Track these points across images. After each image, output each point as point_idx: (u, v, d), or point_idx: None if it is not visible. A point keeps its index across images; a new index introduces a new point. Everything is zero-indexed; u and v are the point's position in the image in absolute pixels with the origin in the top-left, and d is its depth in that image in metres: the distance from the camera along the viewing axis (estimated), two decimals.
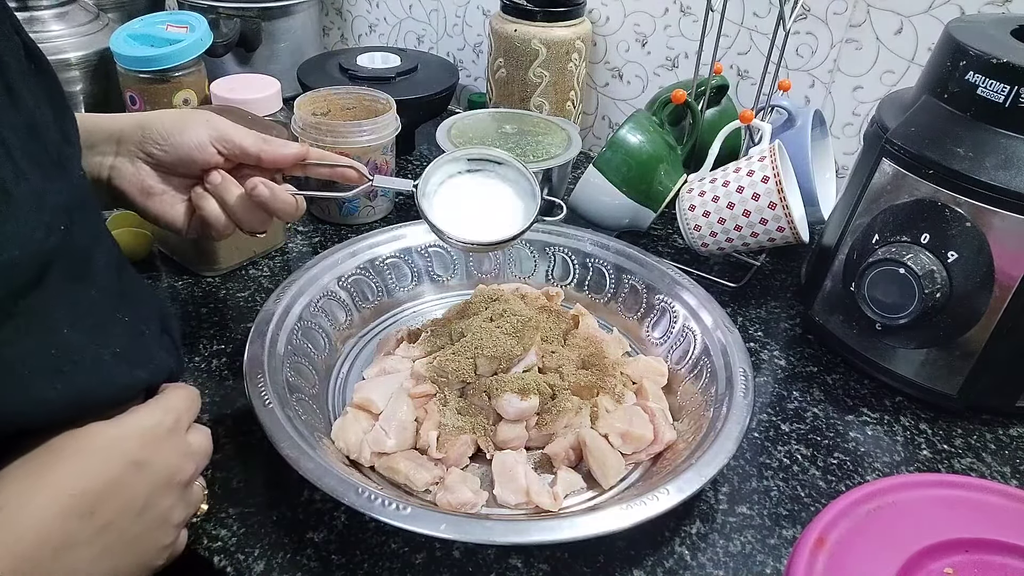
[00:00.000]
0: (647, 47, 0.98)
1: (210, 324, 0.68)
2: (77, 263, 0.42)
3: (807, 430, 0.62)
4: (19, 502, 0.35)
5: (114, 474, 0.39)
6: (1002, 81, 0.55)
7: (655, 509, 0.47)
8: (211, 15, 0.98)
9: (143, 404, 0.43)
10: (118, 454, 0.39)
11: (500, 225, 0.59)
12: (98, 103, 0.87)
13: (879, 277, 0.60)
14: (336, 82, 0.94)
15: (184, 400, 0.45)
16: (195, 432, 0.45)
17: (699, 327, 0.64)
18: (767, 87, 0.78)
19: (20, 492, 0.36)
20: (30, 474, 0.37)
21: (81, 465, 0.38)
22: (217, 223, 0.56)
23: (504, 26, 0.93)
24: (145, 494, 0.40)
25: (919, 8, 0.79)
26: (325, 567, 0.48)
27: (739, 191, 0.72)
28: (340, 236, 0.82)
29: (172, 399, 0.44)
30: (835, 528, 0.41)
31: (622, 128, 0.78)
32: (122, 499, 0.39)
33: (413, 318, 0.71)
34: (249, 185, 0.55)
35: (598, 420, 0.57)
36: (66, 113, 0.46)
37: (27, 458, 0.37)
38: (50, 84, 0.45)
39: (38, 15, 0.83)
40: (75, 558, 0.36)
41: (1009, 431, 0.64)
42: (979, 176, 0.56)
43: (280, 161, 0.57)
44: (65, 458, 0.38)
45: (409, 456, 0.54)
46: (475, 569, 0.49)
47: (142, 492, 0.40)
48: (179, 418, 0.43)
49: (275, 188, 0.55)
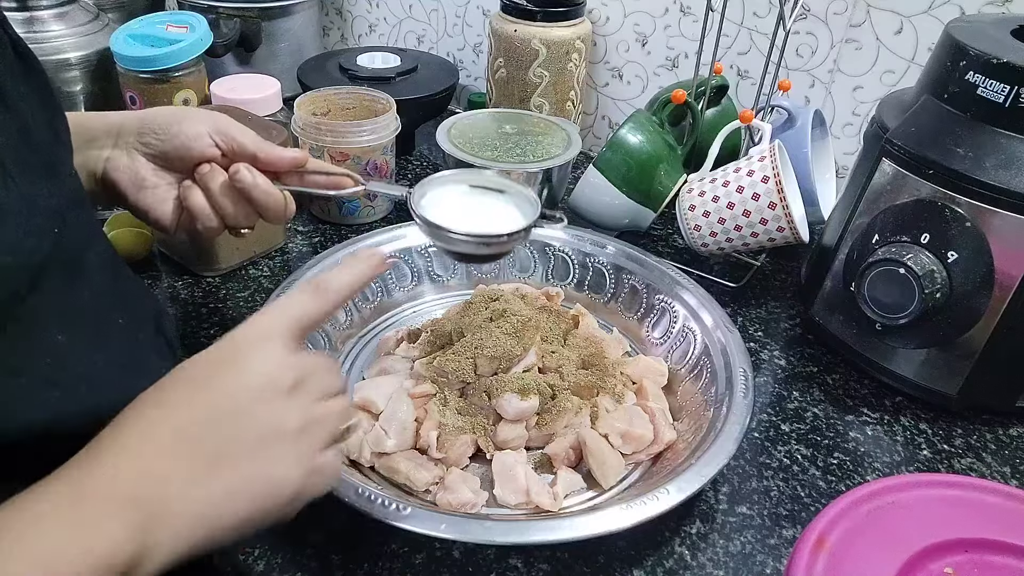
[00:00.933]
0: (647, 47, 0.98)
1: (210, 324, 0.68)
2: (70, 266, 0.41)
3: (807, 430, 0.62)
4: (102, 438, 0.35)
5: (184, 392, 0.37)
6: (1002, 81, 0.55)
7: (655, 509, 0.47)
8: (211, 15, 0.98)
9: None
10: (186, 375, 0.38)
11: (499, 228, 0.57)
12: (98, 103, 0.87)
13: (879, 277, 0.60)
14: (336, 82, 0.94)
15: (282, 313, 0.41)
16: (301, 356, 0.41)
17: (699, 327, 0.64)
18: (767, 87, 0.78)
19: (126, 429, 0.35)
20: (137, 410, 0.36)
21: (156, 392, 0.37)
22: (201, 213, 0.54)
23: (504, 26, 0.93)
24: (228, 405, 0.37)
25: (919, 8, 0.79)
26: (325, 567, 0.48)
27: (739, 191, 0.72)
28: (340, 236, 0.82)
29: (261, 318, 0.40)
30: (835, 528, 0.41)
31: (622, 128, 0.78)
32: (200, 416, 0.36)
33: (413, 318, 0.71)
34: (232, 170, 0.53)
35: (598, 420, 0.57)
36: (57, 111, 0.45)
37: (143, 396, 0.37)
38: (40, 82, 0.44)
39: (38, 15, 0.83)
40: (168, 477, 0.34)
41: (1009, 431, 0.64)
42: (979, 176, 0.56)
43: (277, 162, 0.56)
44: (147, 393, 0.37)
45: (409, 456, 0.54)
46: (475, 569, 0.49)
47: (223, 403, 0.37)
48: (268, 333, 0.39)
49: (258, 175, 0.54)
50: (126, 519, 0.32)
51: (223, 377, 0.38)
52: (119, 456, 0.34)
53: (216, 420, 0.36)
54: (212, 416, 0.36)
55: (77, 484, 0.33)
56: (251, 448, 0.37)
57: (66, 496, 0.32)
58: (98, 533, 0.31)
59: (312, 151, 0.80)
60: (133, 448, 0.34)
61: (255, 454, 0.37)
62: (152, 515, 0.33)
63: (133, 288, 0.51)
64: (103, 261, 0.46)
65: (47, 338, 0.39)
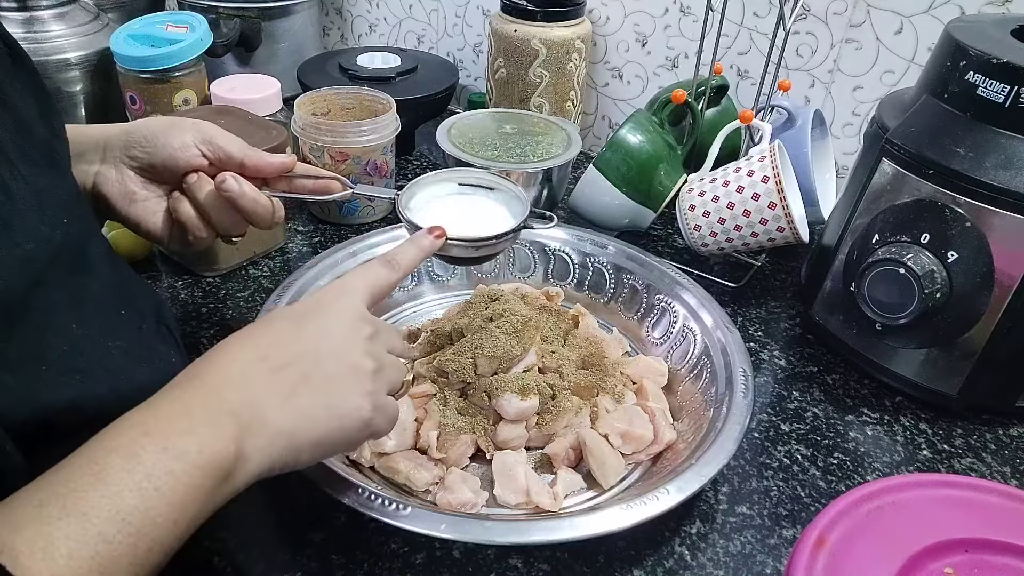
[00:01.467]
0: (647, 47, 0.98)
1: (210, 324, 0.68)
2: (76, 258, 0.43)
3: (807, 430, 0.62)
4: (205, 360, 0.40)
5: (280, 327, 0.43)
6: (1002, 81, 0.55)
7: (655, 509, 0.47)
8: (211, 15, 0.98)
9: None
10: (280, 315, 0.44)
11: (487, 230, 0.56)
12: (98, 103, 0.87)
13: (879, 277, 0.60)
14: (336, 82, 0.94)
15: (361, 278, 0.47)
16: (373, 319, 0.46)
17: (699, 327, 0.64)
18: (767, 87, 0.78)
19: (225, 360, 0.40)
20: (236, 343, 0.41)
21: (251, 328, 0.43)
22: (190, 223, 0.55)
23: (504, 26, 0.93)
24: (314, 341, 0.42)
25: (919, 8, 0.79)
26: (325, 567, 0.48)
27: (739, 191, 0.72)
28: (340, 236, 0.82)
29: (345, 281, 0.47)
30: (835, 528, 0.41)
31: (622, 128, 0.78)
32: (292, 346, 0.41)
33: (413, 318, 0.71)
34: (218, 179, 0.54)
35: (598, 420, 0.57)
36: (52, 109, 0.46)
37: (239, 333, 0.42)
38: (33, 80, 0.45)
39: (38, 15, 0.83)
40: (260, 396, 0.39)
41: (1009, 431, 0.64)
42: (979, 176, 0.56)
43: (264, 168, 0.56)
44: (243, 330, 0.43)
45: (409, 456, 0.54)
46: (475, 569, 0.49)
47: (310, 338, 0.42)
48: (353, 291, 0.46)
49: (244, 183, 0.54)
50: (228, 428, 0.37)
51: (315, 317, 0.43)
52: (221, 382, 0.39)
53: (306, 352, 0.41)
54: (303, 349, 0.41)
55: (183, 402, 0.37)
56: (332, 378, 0.41)
57: (177, 410, 0.37)
58: (207, 436, 0.36)
59: (312, 151, 0.80)
60: (235, 376, 0.39)
61: (335, 384, 0.41)
62: (247, 427, 0.37)
63: (132, 281, 0.52)
64: (103, 255, 0.47)
65: (63, 326, 0.41)
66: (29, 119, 0.42)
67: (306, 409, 0.40)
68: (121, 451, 0.33)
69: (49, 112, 0.45)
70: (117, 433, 0.35)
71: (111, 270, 0.48)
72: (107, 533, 0.31)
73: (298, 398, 0.40)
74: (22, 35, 0.82)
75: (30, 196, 0.39)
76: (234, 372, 0.39)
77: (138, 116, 0.86)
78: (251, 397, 0.38)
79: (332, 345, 0.42)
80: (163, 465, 0.33)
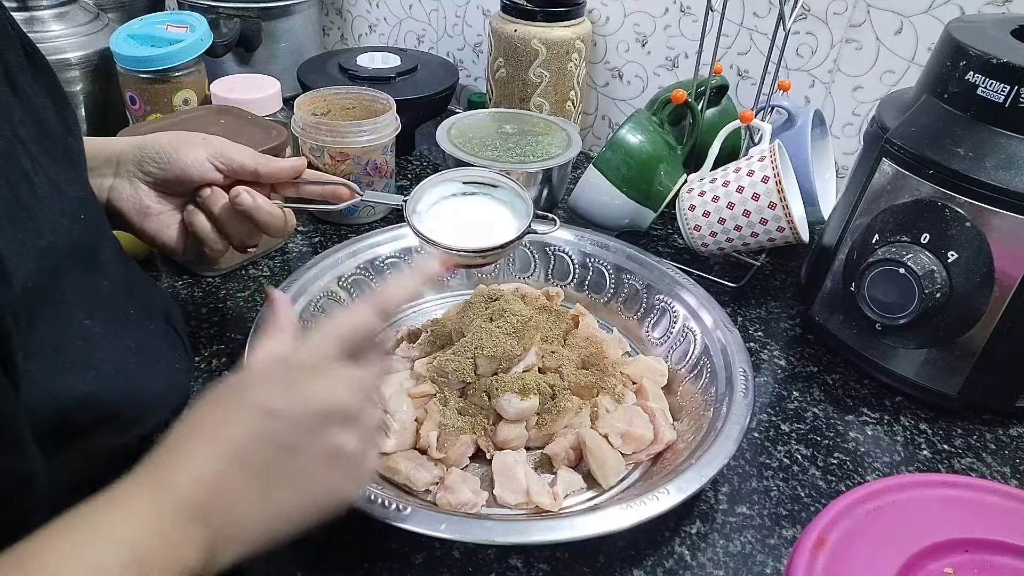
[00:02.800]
0: (647, 47, 0.98)
1: (210, 324, 0.68)
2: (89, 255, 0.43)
3: (807, 430, 0.62)
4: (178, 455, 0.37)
5: (251, 420, 0.38)
6: (1002, 81, 0.55)
7: (655, 509, 0.47)
8: (211, 15, 0.98)
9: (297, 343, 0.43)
10: (249, 401, 0.39)
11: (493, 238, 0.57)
12: (98, 103, 0.87)
13: (879, 277, 0.60)
14: (336, 82, 0.94)
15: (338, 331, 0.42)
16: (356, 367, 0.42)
17: (699, 327, 0.64)
18: (767, 87, 0.78)
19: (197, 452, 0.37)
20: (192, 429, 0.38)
21: (219, 416, 0.39)
22: (206, 237, 0.56)
23: (504, 26, 0.93)
24: (290, 437, 0.38)
25: (919, 8, 0.79)
26: (325, 567, 0.48)
27: (739, 191, 0.72)
28: (340, 236, 0.82)
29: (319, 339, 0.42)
30: (835, 528, 0.41)
31: (622, 128, 0.78)
32: (265, 444, 0.38)
33: (413, 318, 0.71)
34: (232, 193, 0.55)
35: (598, 420, 0.57)
36: (67, 107, 0.46)
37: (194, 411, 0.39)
38: (49, 79, 0.45)
39: (38, 15, 0.83)
40: (234, 502, 0.36)
41: (1009, 431, 0.64)
42: (979, 176, 0.56)
43: (278, 174, 0.57)
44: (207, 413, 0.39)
45: (409, 456, 0.54)
46: (475, 569, 0.49)
47: (285, 435, 0.38)
48: (325, 353, 0.41)
49: (258, 197, 0.55)
50: (200, 535, 0.35)
51: (285, 406, 0.39)
52: (192, 480, 0.36)
53: (281, 449, 0.38)
54: (277, 447, 0.38)
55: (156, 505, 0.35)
56: (313, 472, 0.39)
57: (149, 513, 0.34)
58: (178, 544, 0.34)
59: (312, 151, 0.80)
60: (207, 476, 0.36)
61: (317, 477, 0.39)
62: (221, 533, 0.36)
63: (141, 282, 0.52)
64: (114, 255, 0.47)
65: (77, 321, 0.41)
66: (46, 117, 0.43)
67: (286, 509, 0.38)
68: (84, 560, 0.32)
69: (64, 111, 0.46)
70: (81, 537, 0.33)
71: (122, 270, 0.48)
72: None
73: (278, 498, 0.38)
74: None
75: (51, 190, 0.39)
76: (207, 476, 0.36)
77: (138, 116, 0.86)
78: (226, 504, 0.36)
79: (309, 438, 0.39)
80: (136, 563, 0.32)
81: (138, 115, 0.86)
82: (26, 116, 0.40)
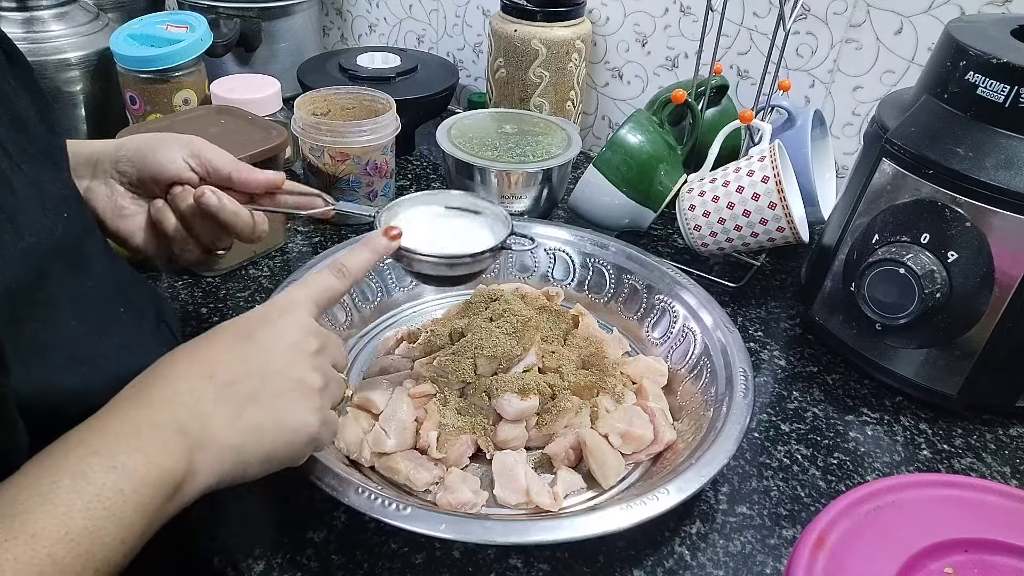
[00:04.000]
0: (647, 47, 0.98)
1: (210, 324, 0.68)
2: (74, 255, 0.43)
3: (807, 430, 0.62)
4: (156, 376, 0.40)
5: (227, 343, 0.43)
6: (1002, 81, 0.55)
7: (655, 509, 0.47)
8: (211, 15, 0.98)
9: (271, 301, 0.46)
10: (227, 331, 0.43)
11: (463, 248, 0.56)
12: (98, 103, 0.87)
13: (879, 277, 0.60)
14: (336, 82, 0.94)
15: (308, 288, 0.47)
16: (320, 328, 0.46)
17: (699, 327, 0.64)
18: (767, 87, 0.78)
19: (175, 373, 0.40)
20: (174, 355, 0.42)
21: (198, 343, 0.43)
22: (174, 234, 0.55)
23: (504, 26, 0.93)
24: (261, 359, 0.42)
25: (919, 8, 0.79)
26: (325, 567, 0.48)
27: (739, 191, 0.72)
28: (340, 236, 0.82)
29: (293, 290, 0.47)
30: (835, 528, 0.41)
31: (622, 128, 0.78)
32: (240, 363, 0.41)
33: (413, 318, 0.71)
34: (197, 192, 0.54)
35: (598, 420, 0.57)
36: (48, 106, 0.46)
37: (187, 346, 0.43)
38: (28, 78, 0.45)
39: (38, 15, 0.83)
40: (208, 414, 0.39)
41: (1009, 431, 0.64)
42: (979, 176, 0.56)
43: (251, 184, 0.56)
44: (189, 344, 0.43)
45: (409, 456, 0.54)
46: (475, 569, 0.49)
47: (257, 356, 0.42)
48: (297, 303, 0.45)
49: (224, 197, 0.54)
50: (176, 444, 0.37)
51: (261, 334, 0.43)
52: (168, 398, 0.39)
53: (254, 369, 0.42)
54: (251, 366, 0.42)
55: (131, 419, 0.37)
56: (280, 395, 0.42)
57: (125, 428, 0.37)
58: (155, 454, 0.36)
59: (312, 151, 0.80)
60: (183, 392, 0.39)
61: (283, 400, 0.42)
62: (197, 442, 0.38)
63: (131, 280, 0.52)
64: (100, 254, 0.47)
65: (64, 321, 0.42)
66: (26, 116, 0.42)
67: (255, 426, 0.40)
68: (69, 471, 0.33)
69: (45, 109, 0.45)
70: (64, 452, 0.34)
71: (109, 269, 0.48)
72: (56, 555, 0.31)
73: (247, 415, 0.40)
74: (22, 35, 0.81)
75: (31, 189, 0.39)
76: (182, 388, 0.39)
77: (138, 116, 0.86)
78: (200, 413, 0.39)
79: (280, 362, 0.42)
80: (112, 484, 0.33)
81: (138, 115, 0.86)
82: (4, 115, 0.40)
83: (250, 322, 0.44)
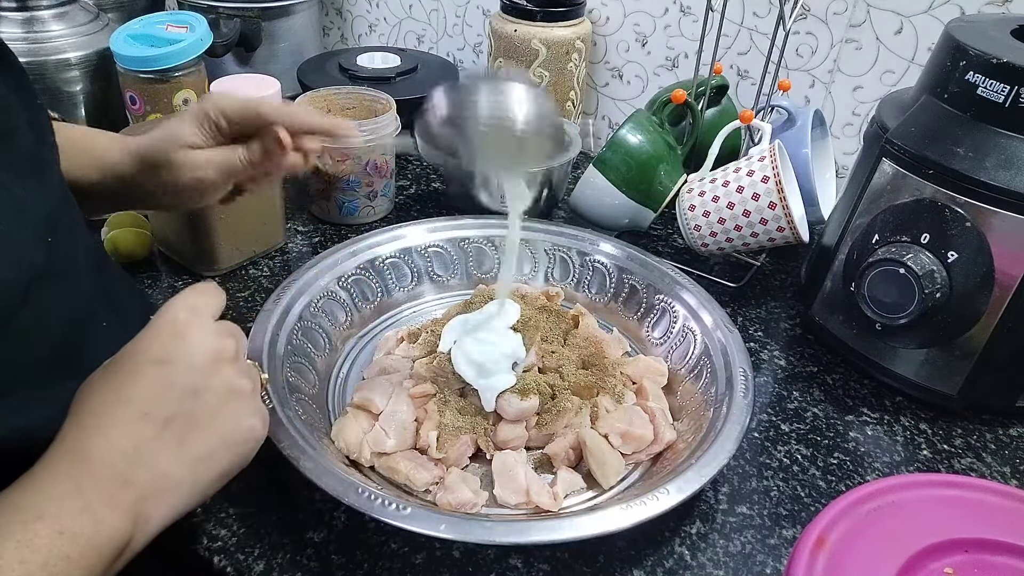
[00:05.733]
0: (647, 47, 0.98)
1: None
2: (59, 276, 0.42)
3: (807, 430, 0.62)
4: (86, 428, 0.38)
5: (147, 374, 0.39)
6: (1002, 81, 0.55)
7: (655, 509, 0.47)
8: (211, 15, 0.98)
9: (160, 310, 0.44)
10: (142, 359, 0.40)
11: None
12: (98, 103, 0.87)
13: (879, 277, 0.60)
14: (336, 82, 0.94)
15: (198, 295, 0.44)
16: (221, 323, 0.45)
17: (699, 327, 0.64)
18: (767, 87, 0.78)
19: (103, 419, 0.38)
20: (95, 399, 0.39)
21: (116, 381, 0.39)
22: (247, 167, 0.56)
23: (504, 26, 0.93)
24: (188, 380, 0.40)
25: (919, 8, 0.79)
26: (325, 567, 0.48)
27: (739, 191, 0.72)
28: (340, 236, 0.82)
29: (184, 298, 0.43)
30: (835, 528, 0.41)
31: (622, 128, 0.78)
32: (168, 391, 0.39)
33: (413, 318, 0.71)
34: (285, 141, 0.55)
35: (598, 420, 0.57)
36: (40, 109, 0.45)
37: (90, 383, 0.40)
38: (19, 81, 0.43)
39: (38, 15, 0.83)
40: (152, 455, 0.38)
41: (1009, 431, 0.64)
42: (979, 176, 0.56)
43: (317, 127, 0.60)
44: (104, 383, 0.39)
45: (409, 456, 0.54)
46: (475, 569, 0.49)
47: (183, 379, 0.40)
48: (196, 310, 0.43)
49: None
50: (125, 497, 0.36)
51: (177, 353, 0.40)
52: (108, 449, 0.37)
53: (184, 393, 0.40)
54: (180, 390, 0.39)
55: (72, 479, 0.35)
56: (218, 411, 0.41)
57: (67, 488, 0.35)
58: (105, 511, 0.35)
59: None
60: (119, 440, 0.37)
61: (223, 416, 0.41)
62: (144, 491, 0.37)
63: (118, 285, 0.51)
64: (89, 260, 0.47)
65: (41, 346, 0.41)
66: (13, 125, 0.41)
67: (203, 451, 0.40)
68: (14, 540, 0.32)
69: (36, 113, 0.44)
70: (7, 519, 0.33)
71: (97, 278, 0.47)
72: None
73: (191, 443, 0.39)
74: (22, 35, 0.81)
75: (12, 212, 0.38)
76: (116, 436, 0.37)
77: (138, 116, 0.86)
78: (142, 459, 0.37)
79: (206, 377, 0.41)
80: (59, 551, 0.32)
81: (138, 115, 0.86)
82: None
83: (159, 343, 0.41)
